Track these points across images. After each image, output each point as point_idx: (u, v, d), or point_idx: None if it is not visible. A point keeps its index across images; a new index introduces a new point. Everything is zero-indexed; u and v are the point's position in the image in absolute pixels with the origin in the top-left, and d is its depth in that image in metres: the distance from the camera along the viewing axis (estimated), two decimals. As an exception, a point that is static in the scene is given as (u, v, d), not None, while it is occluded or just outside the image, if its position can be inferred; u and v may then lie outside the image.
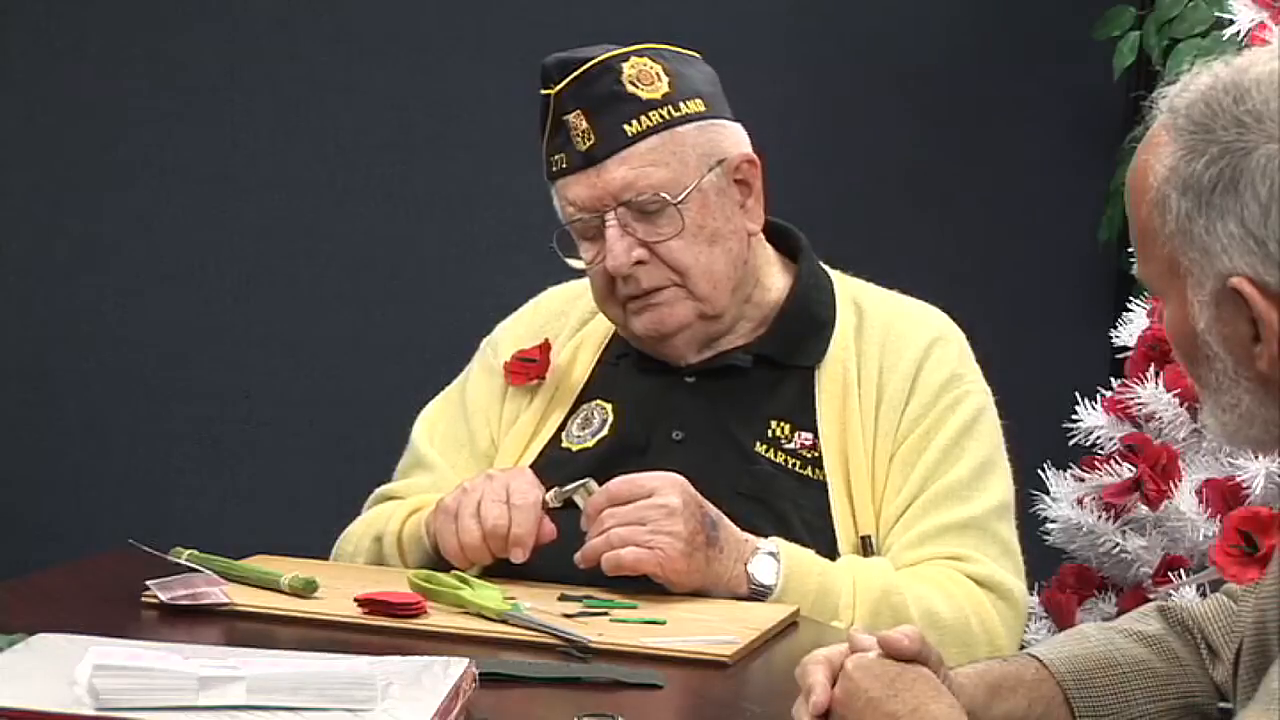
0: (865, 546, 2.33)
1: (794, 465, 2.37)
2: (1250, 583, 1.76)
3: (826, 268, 2.52)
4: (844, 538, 2.33)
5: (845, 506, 2.35)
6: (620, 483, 2.23)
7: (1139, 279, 1.59)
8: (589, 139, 2.36)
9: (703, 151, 2.39)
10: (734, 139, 2.43)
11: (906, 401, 2.38)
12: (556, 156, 2.40)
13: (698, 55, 2.46)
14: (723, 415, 2.41)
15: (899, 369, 2.40)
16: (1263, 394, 1.52)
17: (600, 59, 2.38)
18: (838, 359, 2.42)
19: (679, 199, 2.36)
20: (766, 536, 2.28)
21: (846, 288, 2.50)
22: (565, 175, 2.39)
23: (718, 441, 2.39)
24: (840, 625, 2.22)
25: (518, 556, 2.24)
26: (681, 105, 2.39)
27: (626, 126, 2.36)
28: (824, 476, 2.36)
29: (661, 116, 2.37)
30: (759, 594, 2.24)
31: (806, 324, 2.45)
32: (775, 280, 2.48)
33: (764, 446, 2.38)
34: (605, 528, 2.20)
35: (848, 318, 2.45)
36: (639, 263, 2.37)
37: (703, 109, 2.40)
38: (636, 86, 2.37)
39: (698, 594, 2.22)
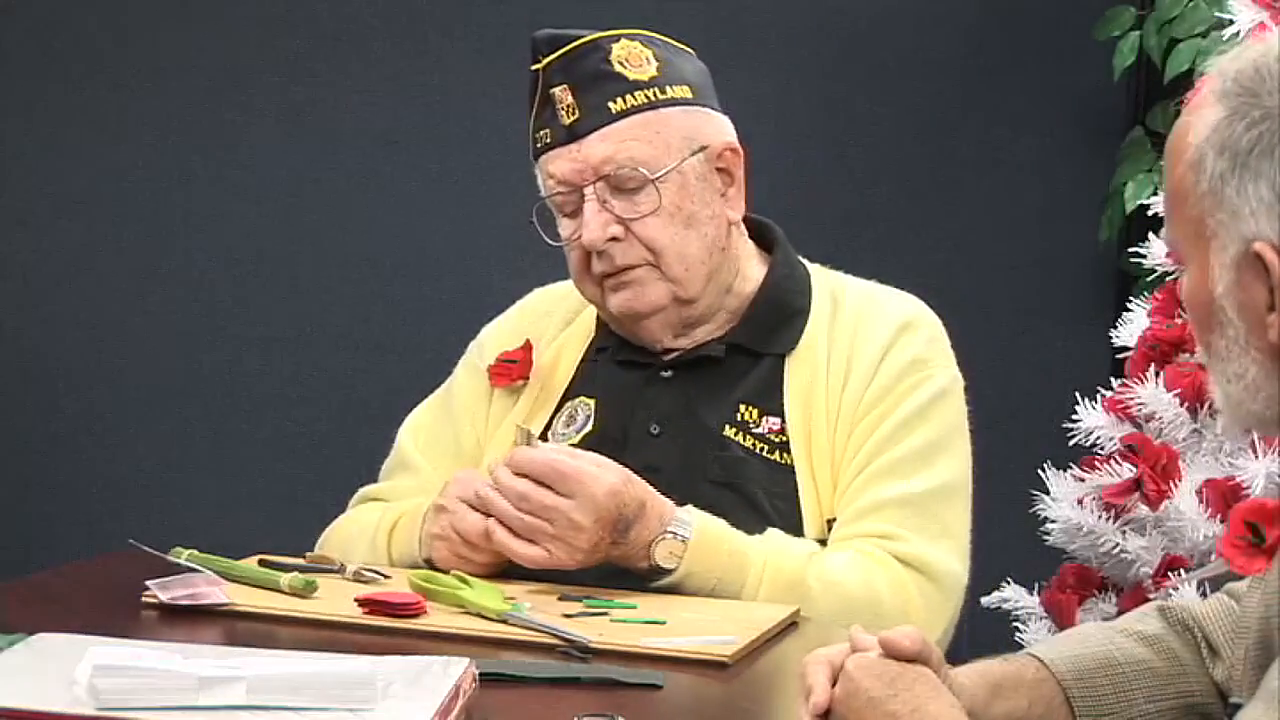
0: (831, 529, 2.34)
1: (762, 450, 2.38)
2: (1257, 573, 1.75)
3: (805, 261, 2.53)
4: (811, 521, 2.34)
5: (812, 490, 2.36)
6: (547, 467, 2.21)
7: (1165, 243, 1.59)
8: (573, 113, 2.38)
9: (685, 135, 2.40)
10: (718, 127, 2.44)
11: (869, 383, 2.39)
12: (541, 132, 2.41)
13: (690, 51, 2.47)
14: (696, 405, 2.42)
15: (866, 353, 2.41)
16: (1269, 366, 1.51)
17: (590, 38, 2.40)
18: (810, 347, 2.42)
19: (657, 176, 2.37)
20: (738, 522, 2.28)
21: (824, 279, 2.51)
22: (549, 150, 2.40)
23: (692, 433, 2.40)
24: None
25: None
26: (668, 89, 2.40)
27: (611, 104, 2.38)
28: (791, 461, 2.37)
29: (647, 97, 2.38)
30: (655, 576, 2.24)
31: (779, 312, 2.46)
32: (753, 272, 2.49)
33: (733, 430, 2.39)
34: (517, 506, 2.20)
35: (823, 307, 2.46)
36: (614, 239, 2.38)
37: (689, 95, 2.42)
38: (624, 67, 2.39)
39: (695, 592, 2.23)
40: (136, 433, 4.02)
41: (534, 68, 2.41)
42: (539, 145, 2.42)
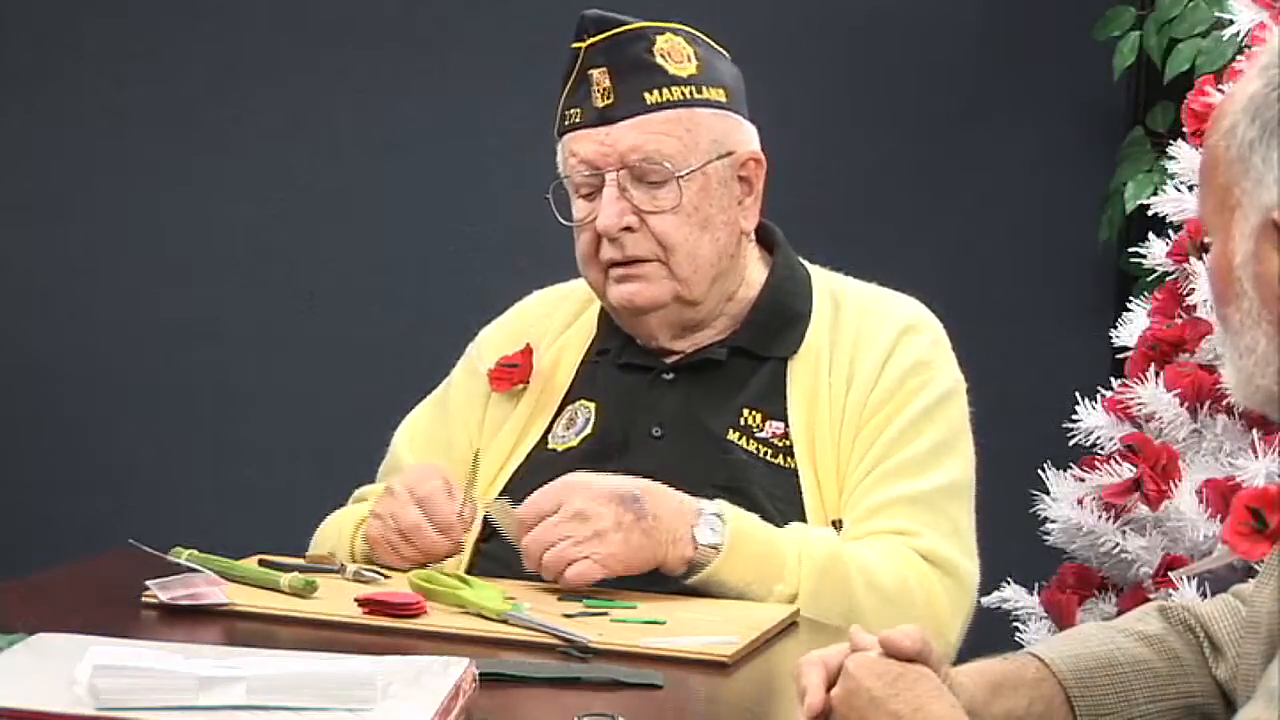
0: (840, 532, 2.34)
1: (765, 454, 2.38)
2: (1260, 557, 1.74)
3: (805, 263, 2.53)
4: (815, 524, 2.34)
5: (816, 493, 2.36)
6: (524, 509, 2.22)
7: (1198, 216, 1.58)
8: (608, 97, 2.38)
9: (714, 138, 2.41)
10: (746, 135, 2.46)
11: (873, 387, 2.39)
12: (572, 110, 2.42)
13: (727, 54, 2.47)
14: (698, 409, 2.42)
15: (869, 357, 2.41)
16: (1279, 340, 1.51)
17: (637, 25, 2.41)
18: (812, 350, 2.43)
19: (682, 174, 2.37)
20: None
21: (825, 281, 2.51)
22: (576, 129, 2.41)
23: (695, 436, 2.40)
24: (782, 590, 2.22)
25: (453, 539, 2.27)
26: (705, 89, 2.41)
27: (647, 94, 2.38)
28: (795, 464, 2.37)
29: (683, 94, 2.39)
30: (704, 556, 2.22)
31: (780, 315, 2.46)
32: (756, 276, 2.50)
33: (737, 434, 2.39)
34: (535, 556, 2.20)
35: (824, 310, 2.46)
36: (627, 228, 2.39)
37: (723, 99, 2.43)
38: (666, 60, 2.39)
39: (692, 593, 2.23)
40: (136, 433, 4.02)
41: (575, 45, 2.42)
42: (566, 123, 2.42)
